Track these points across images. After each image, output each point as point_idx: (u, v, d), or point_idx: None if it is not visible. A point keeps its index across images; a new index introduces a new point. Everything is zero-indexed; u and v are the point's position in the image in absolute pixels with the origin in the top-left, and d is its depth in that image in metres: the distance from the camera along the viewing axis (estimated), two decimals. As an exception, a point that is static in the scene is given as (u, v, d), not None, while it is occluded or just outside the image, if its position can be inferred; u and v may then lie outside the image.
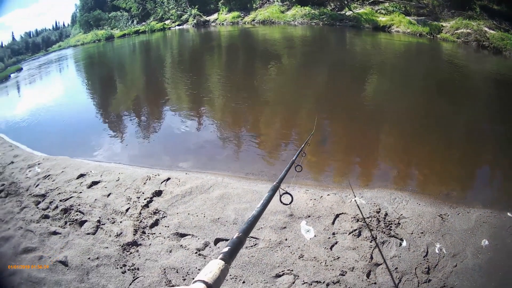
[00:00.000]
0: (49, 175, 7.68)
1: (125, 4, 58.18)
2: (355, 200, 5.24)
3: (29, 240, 5.57)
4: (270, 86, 12.62)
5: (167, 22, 49.64)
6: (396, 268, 4.05)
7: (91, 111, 13.79)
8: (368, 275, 3.97)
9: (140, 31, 52.04)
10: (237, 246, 1.30)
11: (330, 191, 5.64)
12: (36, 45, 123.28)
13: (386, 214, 4.90)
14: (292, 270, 4.08)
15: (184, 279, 4.27)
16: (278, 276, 4.09)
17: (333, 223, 4.81)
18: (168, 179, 6.54)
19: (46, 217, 6.08)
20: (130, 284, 4.34)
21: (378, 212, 4.93)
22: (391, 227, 4.68)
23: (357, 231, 4.62)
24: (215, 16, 41.32)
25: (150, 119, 11.09)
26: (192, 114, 10.92)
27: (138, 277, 4.38)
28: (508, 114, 9.16)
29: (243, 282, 4.04)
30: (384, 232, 4.58)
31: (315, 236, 4.58)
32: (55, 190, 6.92)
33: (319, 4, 30.08)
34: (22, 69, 46.42)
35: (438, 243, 4.44)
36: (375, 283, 3.88)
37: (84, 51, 46.58)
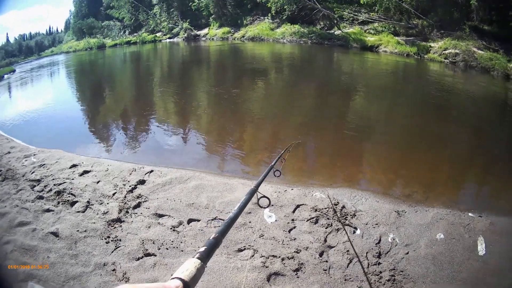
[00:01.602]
0: (44, 164, 8.34)
1: (118, 14, 58.81)
2: (316, 195, 5.74)
3: (24, 216, 6.11)
4: (255, 99, 13.23)
5: (158, 34, 50.27)
6: (348, 251, 4.49)
7: (83, 113, 14.53)
8: (320, 255, 4.43)
9: (132, 41, 52.34)
10: (213, 246, 1.35)
11: (295, 187, 6.16)
12: (29, 49, 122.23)
13: (343, 207, 5.42)
14: (252, 246, 4.59)
15: (159, 249, 4.83)
16: (240, 250, 4.61)
17: (293, 211, 5.37)
18: (151, 171, 7.23)
19: (40, 197, 6.68)
20: (112, 252, 4.87)
21: (336, 205, 5.44)
22: (346, 217, 5.18)
23: (314, 219, 5.14)
24: (205, 30, 41.90)
25: (138, 123, 11.82)
26: (177, 120, 11.73)
27: (119, 246, 4.93)
28: (478, 125, 9.95)
29: None
30: (340, 221, 5.06)
31: (276, 221, 5.12)
32: (50, 176, 7.58)
33: (309, 23, 30.63)
34: (15, 71, 46.39)
35: (391, 234, 4.86)
36: (326, 261, 4.33)
37: (76, 58, 47.12)
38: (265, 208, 2.35)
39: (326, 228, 4.96)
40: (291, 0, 31.09)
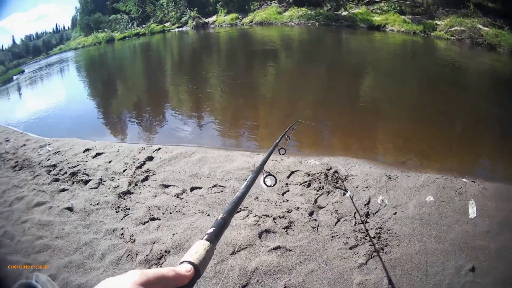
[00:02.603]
0: (59, 151, 8.86)
1: (125, 7, 59.18)
2: (310, 162, 6.17)
3: (41, 197, 6.66)
4: (264, 81, 13.62)
5: (166, 24, 50.30)
6: (337, 211, 4.88)
7: (95, 104, 15.08)
8: (310, 214, 4.84)
9: (140, 33, 52.67)
10: (222, 227, 1.30)
11: (291, 156, 6.60)
12: (36, 48, 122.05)
13: (335, 172, 5.82)
14: (248, 207, 5.05)
15: (163, 213, 5.40)
16: (237, 212, 5.00)
17: (288, 177, 5.79)
18: (159, 148, 7.84)
19: (56, 180, 7.23)
20: (121, 219, 5.43)
21: (328, 170, 5.84)
22: (337, 181, 5.57)
23: (307, 183, 5.55)
24: (214, 18, 42.04)
25: (149, 109, 12.40)
26: (187, 103, 12.19)
27: (128, 214, 5.46)
28: (477, 100, 10.24)
29: (208, 215, 5.06)
30: (331, 184, 5.47)
31: (273, 183, 5.47)
32: (64, 161, 8.11)
33: (316, 5, 30.82)
34: (24, 71, 46.98)
35: (381, 196, 5.20)
36: (315, 220, 4.73)
37: (85, 53, 47.09)
38: (272, 186, 2.50)
39: (317, 191, 5.37)
40: None
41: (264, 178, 2.21)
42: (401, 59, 16.50)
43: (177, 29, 45.57)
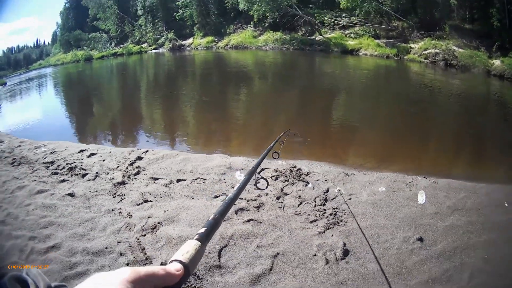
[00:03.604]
0: (54, 152, 9.46)
1: (105, 26, 59.32)
2: (278, 162, 7.19)
3: (42, 186, 7.28)
4: (239, 102, 14.60)
5: (144, 45, 50.89)
6: (299, 196, 5.88)
7: (80, 116, 15.93)
8: (277, 198, 5.87)
9: (118, 53, 52.71)
10: (213, 227, 1.28)
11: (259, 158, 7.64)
12: (17, 62, 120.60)
13: (299, 169, 6.90)
14: (225, 193, 6.10)
15: (155, 197, 6.38)
16: (216, 196, 6.10)
17: (259, 172, 6.71)
18: (147, 151, 8.87)
19: (55, 173, 7.90)
20: (119, 202, 6.33)
21: (293, 168, 6.92)
22: (301, 175, 6.64)
23: (275, 177, 6.64)
24: (190, 40, 42.88)
25: (132, 121, 13.36)
26: (166, 118, 13.27)
27: (124, 199, 6.38)
28: (441, 115, 11.45)
29: (193, 198, 6.08)
30: (295, 178, 6.53)
31: (263, 189, 6.51)
32: (61, 159, 8.75)
33: (290, 29, 31.93)
34: (6, 83, 47.14)
35: (338, 187, 6.18)
36: (281, 202, 5.75)
37: (63, 71, 47.79)
38: (263, 190, 2.37)
39: (283, 183, 6.42)
40: (273, 8, 32.19)
41: (256, 181, 2.31)
42: (371, 81, 17.70)
43: (153, 51, 46.38)
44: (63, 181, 7.61)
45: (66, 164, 8.52)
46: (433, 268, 4.23)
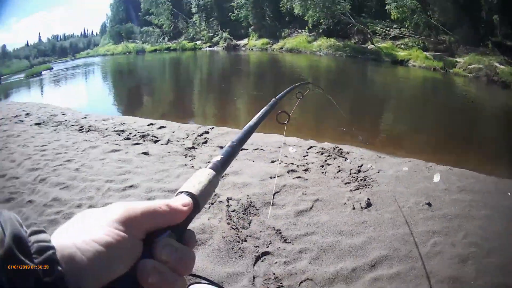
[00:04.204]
0: (123, 123, 10.97)
1: (157, 21, 60.93)
2: (324, 143, 8.80)
3: (116, 147, 8.83)
4: (292, 99, 15.74)
5: (198, 42, 52.21)
6: (338, 167, 7.32)
7: (140, 100, 17.87)
8: (321, 166, 7.33)
9: (171, 48, 54.32)
10: (230, 155, 1.11)
11: (310, 139, 9.18)
12: (63, 49, 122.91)
13: (341, 149, 8.33)
14: (281, 161, 7.49)
15: None
16: (272, 161, 7.58)
17: (308, 149, 8.38)
18: (213, 128, 10.41)
19: (127, 139, 9.46)
20: (190, 160, 7.76)
21: (335, 148, 8.37)
22: (341, 153, 8.08)
23: (320, 152, 8.12)
24: (245, 41, 44.27)
25: (193, 106, 15.65)
26: (226, 103, 15.32)
27: (194, 158, 7.88)
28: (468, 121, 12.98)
29: (253, 161, 7.63)
30: (336, 154, 8.03)
31: (295, 151, 8.13)
32: (132, 129, 10.27)
33: (344, 37, 33.15)
34: (52, 68, 49.26)
35: (370, 164, 7.53)
36: (324, 168, 7.24)
37: (114, 61, 49.23)
38: (284, 123, 2.31)
39: (326, 157, 7.88)
40: (327, 14, 33.42)
41: (277, 114, 2.28)
42: (418, 90, 19.22)
43: (208, 48, 47.65)
44: (136, 144, 9.05)
45: (138, 132, 9.98)
46: (435, 224, 5.20)
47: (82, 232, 0.64)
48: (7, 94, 26.19)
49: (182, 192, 0.84)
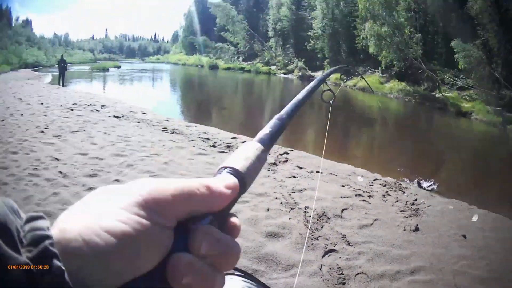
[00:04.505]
0: (207, 132, 12.34)
1: (233, 38, 62.08)
2: (387, 177, 10.08)
3: (203, 151, 10.01)
4: (362, 136, 17.61)
5: (273, 67, 53.01)
6: (397, 197, 8.59)
7: (218, 113, 19.64)
8: (383, 195, 8.54)
9: (245, 69, 55.45)
10: (278, 129, 0.91)
11: (376, 173, 10.33)
12: (131, 50, 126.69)
13: (400, 184, 9.59)
14: (350, 186, 8.82)
15: (300, 176, 9.15)
16: (342, 186, 8.81)
17: (373, 180, 9.65)
18: (292, 150, 11.65)
19: (213, 146, 10.68)
20: (272, 174, 8.90)
21: (395, 183, 9.60)
22: (400, 188, 9.31)
23: (383, 184, 9.37)
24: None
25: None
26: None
27: (276, 172, 9.11)
28: None
29: (327, 182, 8.97)
30: (396, 188, 9.31)
31: (363, 180, 9.44)
32: (216, 139, 11.50)
33: (414, 82, 33.53)
34: (120, 67, 51.75)
35: (423, 199, 8.59)
36: (385, 197, 8.52)
37: (186, 71, 52.52)
38: (330, 103, 2.41)
39: (388, 189, 9.17)
40: (400, 57, 34.06)
41: (322, 92, 2.38)
42: (478, 144, 20.29)
43: (282, 75, 48.42)
44: (222, 152, 10.12)
45: (223, 142, 10.99)
46: (466, 251, 6.09)
47: (92, 216, 0.50)
48: (73, 82, 28.15)
49: (225, 168, 0.67)
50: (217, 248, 0.55)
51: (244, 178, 0.66)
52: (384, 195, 8.46)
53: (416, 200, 8.41)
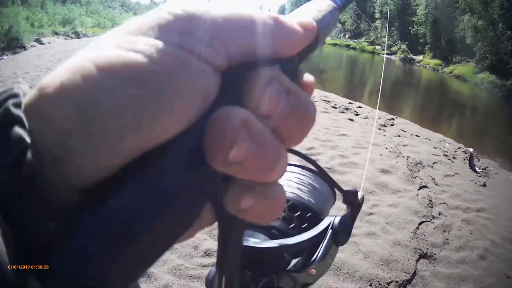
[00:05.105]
0: (328, 97, 13.01)
1: (341, 16, 60.82)
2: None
3: (326, 110, 10.65)
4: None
5: (377, 47, 53.46)
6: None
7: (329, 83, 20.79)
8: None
9: (351, 46, 56.31)
10: None
11: None
12: None
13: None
14: (441, 148, 9.12)
15: None
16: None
17: (456, 149, 9.68)
18: (397, 117, 11.95)
19: (334, 107, 11.44)
20: (382, 132, 9.28)
21: (456, 150, 9.72)
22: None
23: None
24: (420, 57, 45.57)
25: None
26: None
27: (385, 131, 9.50)
28: None
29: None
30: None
31: (450, 146, 9.75)
32: (336, 102, 12.28)
33: (502, 76, 34.07)
34: None
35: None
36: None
37: None
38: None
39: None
40: (493, 51, 35.28)
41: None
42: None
43: (385, 55, 47.30)
44: (342, 112, 11.04)
45: (342, 105, 11.87)
46: None
47: (87, 54, 0.30)
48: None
49: None
50: (287, 102, 0.34)
51: (318, 28, 0.43)
52: (464, 159, 9.08)
53: (487, 167, 8.97)
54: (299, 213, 0.76)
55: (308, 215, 0.77)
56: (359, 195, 0.69)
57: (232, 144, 0.30)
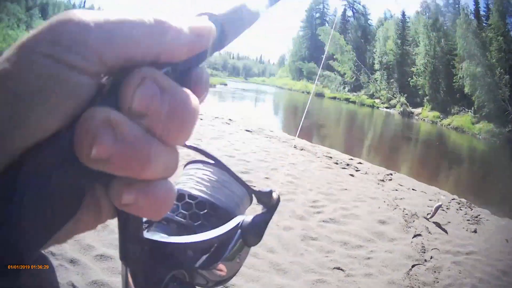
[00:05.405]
0: (329, 152, 13.33)
1: (341, 68, 61.77)
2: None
3: (328, 166, 11.03)
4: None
5: (376, 101, 53.36)
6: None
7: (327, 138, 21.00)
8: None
9: (350, 100, 55.69)
10: None
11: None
12: (235, 69, 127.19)
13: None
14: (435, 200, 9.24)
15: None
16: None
17: (451, 200, 9.77)
18: (395, 173, 11.98)
19: (336, 163, 11.61)
20: (381, 187, 9.65)
21: (450, 201, 10.00)
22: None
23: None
24: (419, 110, 46.16)
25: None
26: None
27: (383, 186, 9.87)
28: None
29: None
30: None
31: (444, 198, 10.04)
32: (337, 158, 12.48)
33: (500, 124, 34.55)
34: (226, 84, 54.14)
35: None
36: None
37: (292, 97, 53.82)
38: None
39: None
40: (491, 98, 35.86)
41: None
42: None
43: (385, 109, 48.97)
44: (344, 168, 11.11)
45: (343, 161, 12.02)
46: (505, 249, 6.77)
47: None
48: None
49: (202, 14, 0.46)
50: (163, 101, 0.37)
51: (224, 26, 0.46)
52: (457, 209, 9.26)
53: (479, 215, 9.05)
54: (206, 211, 0.78)
55: (216, 213, 0.79)
56: (275, 196, 0.67)
57: (93, 142, 0.33)
